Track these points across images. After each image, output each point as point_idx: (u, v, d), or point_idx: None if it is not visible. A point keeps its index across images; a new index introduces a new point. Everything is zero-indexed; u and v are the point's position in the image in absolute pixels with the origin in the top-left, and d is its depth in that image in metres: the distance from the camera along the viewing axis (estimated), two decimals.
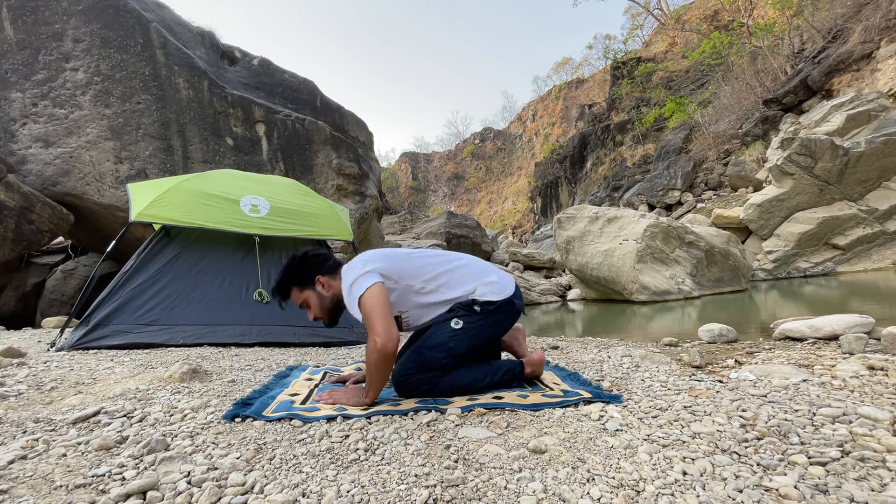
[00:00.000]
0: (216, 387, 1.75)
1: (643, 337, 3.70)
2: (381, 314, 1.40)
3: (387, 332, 1.37)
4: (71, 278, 6.59)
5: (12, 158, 5.70)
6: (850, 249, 8.28)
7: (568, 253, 7.78)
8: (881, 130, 8.01)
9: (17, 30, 5.93)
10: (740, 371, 1.72)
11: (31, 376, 1.94)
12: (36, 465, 1.03)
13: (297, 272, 1.66)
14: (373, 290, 1.44)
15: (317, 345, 3.26)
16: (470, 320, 1.54)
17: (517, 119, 43.51)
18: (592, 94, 31.13)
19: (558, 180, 24.85)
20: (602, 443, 1.09)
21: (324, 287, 1.64)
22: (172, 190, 3.37)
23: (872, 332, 2.17)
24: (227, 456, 1.05)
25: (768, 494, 0.82)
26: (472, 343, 1.55)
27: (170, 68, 6.44)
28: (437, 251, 1.77)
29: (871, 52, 10.26)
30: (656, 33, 26.64)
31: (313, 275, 1.65)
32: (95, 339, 2.86)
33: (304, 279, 1.65)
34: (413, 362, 1.52)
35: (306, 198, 3.97)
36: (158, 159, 6.27)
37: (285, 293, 1.68)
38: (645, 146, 18.89)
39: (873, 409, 1.17)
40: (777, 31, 14.71)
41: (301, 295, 1.66)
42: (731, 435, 1.09)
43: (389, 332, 1.37)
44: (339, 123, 8.46)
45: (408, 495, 0.86)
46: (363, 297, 1.43)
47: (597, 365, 2.05)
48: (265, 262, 3.52)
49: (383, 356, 1.37)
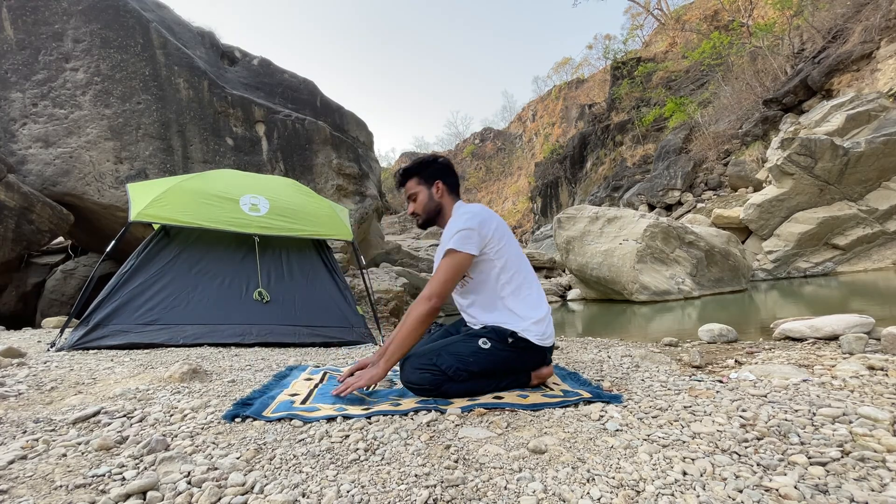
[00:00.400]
0: (216, 387, 1.75)
1: (643, 337, 3.70)
2: (451, 279, 1.53)
3: (442, 296, 1.51)
4: (71, 278, 6.59)
5: (12, 158, 5.70)
6: (850, 249, 8.28)
7: (568, 253, 7.78)
8: (881, 130, 8.01)
9: (17, 30, 5.93)
10: (740, 371, 1.72)
11: (31, 376, 1.94)
12: (36, 465, 1.03)
13: (427, 167, 1.75)
14: (463, 256, 1.53)
15: (317, 345, 3.26)
16: (498, 347, 1.55)
17: (517, 119, 43.51)
18: (592, 94, 31.13)
19: (558, 180, 24.85)
20: (602, 443, 1.09)
21: (437, 192, 1.73)
22: (172, 190, 3.37)
23: (872, 332, 2.17)
24: (227, 456, 1.05)
25: (768, 494, 0.82)
26: (490, 367, 1.54)
27: (170, 68, 6.44)
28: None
29: (871, 52, 10.25)
30: (656, 33, 26.64)
31: (437, 177, 1.73)
32: (95, 339, 2.86)
33: (428, 176, 1.74)
34: (429, 360, 1.51)
35: (306, 198, 3.97)
36: (158, 159, 6.27)
37: (405, 179, 1.77)
38: (645, 146, 18.89)
39: (873, 409, 1.17)
40: (777, 31, 14.71)
41: (416, 187, 1.74)
42: (731, 435, 1.09)
43: (442, 298, 1.51)
44: (339, 123, 8.46)
45: (408, 495, 0.86)
46: (454, 253, 1.52)
47: (597, 365, 2.05)
48: (265, 261, 3.52)
49: (421, 314, 1.48)
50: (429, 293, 1.50)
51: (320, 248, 3.82)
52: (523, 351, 1.57)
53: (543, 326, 1.60)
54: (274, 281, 3.49)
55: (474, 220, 1.57)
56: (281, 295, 3.45)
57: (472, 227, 1.54)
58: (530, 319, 1.59)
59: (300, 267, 3.64)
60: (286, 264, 3.60)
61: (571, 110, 32.16)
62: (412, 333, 1.50)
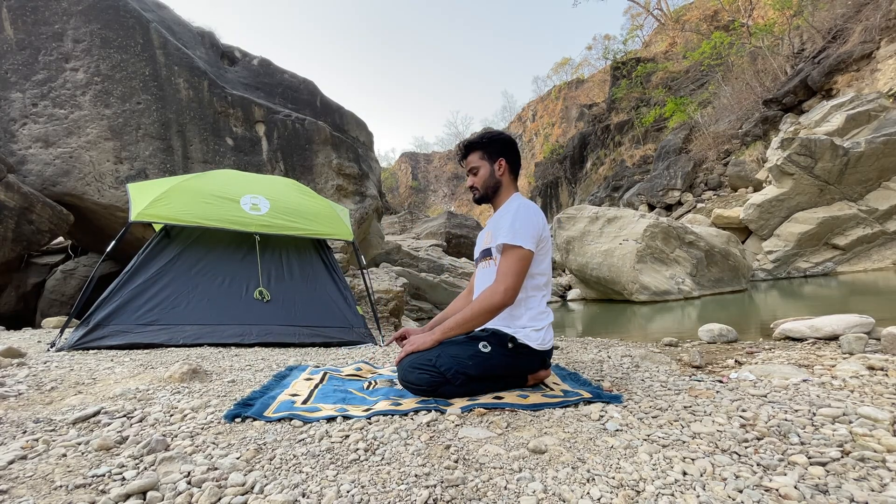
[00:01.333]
0: (216, 387, 1.75)
1: (643, 337, 3.70)
2: (521, 276, 1.53)
3: (513, 294, 1.51)
4: (71, 278, 6.59)
5: (12, 158, 5.70)
6: (850, 249, 8.28)
7: (568, 253, 7.78)
8: (881, 130, 8.01)
9: (17, 30, 5.93)
10: (740, 371, 1.72)
11: (31, 376, 1.94)
12: (36, 465, 1.03)
13: (493, 142, 1.73)
14: (528, 253, 1.54)
15: (317, 345, 3.26)
16: (498, 351, 1.54)
17: (517, 119, 43.50)
18: (592, 95, 31.14)
19: (558, 180, 24.86)
20: (602, 443, 1.09)
21: (499, 169, 1.71)
22: (172, 190, 3.37)
23: (872, 332, 2.17)
24: (227, 456, 1.05)
25: (768, 494, 0.82)
26: (488, 371, 1.53)
27: (170, 68, 6.44)
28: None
29: (871, 52, 10.26)
30: (656, 34, 26.65)
31: (501, 154, 1.71)
32: (95, 339, 2.86)
33: (493, 151, 1.72)
34: (427, 360, 1.49)
35: (306, 197, 3.97)
36: (158, 159, 6.26)
37: (468, 151, 1.75)
38: (645, 146, 18.90)
39: (873, 409, 1.17)
40: (777, 32, 14.72)
41: (479, 161, 1.72)
42: (731, 435, 1.09)
43: (516, 294, 1.52)
44: (339, 123, 8.45)
45: (408, 495, 0.86)
46: (521, 250, 1.52)
47: (597, 365, 2.05)
48: (265, 261, 3.52)
49: (494, 305, 1.50)
50: (504, 287, 1.50)
51: (320, 248, 3.82)
52: (523, 356, 1.57)
53: (544, 332, 1.61)
54: (274, 281, 3.49)
55: (540, 220, 1.60)
56: (281, 295, 3.45)
57: (532, 223, 1.57)
58: (532, 327, 1.59)
59: (300, 267, 3.64)
60: (286, 264, 3.60)
61: (571, 110, 32.16)
62: (477, 319, 1.52)
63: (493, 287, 1.53)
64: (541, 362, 1.63)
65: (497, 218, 1.68)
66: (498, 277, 1.53)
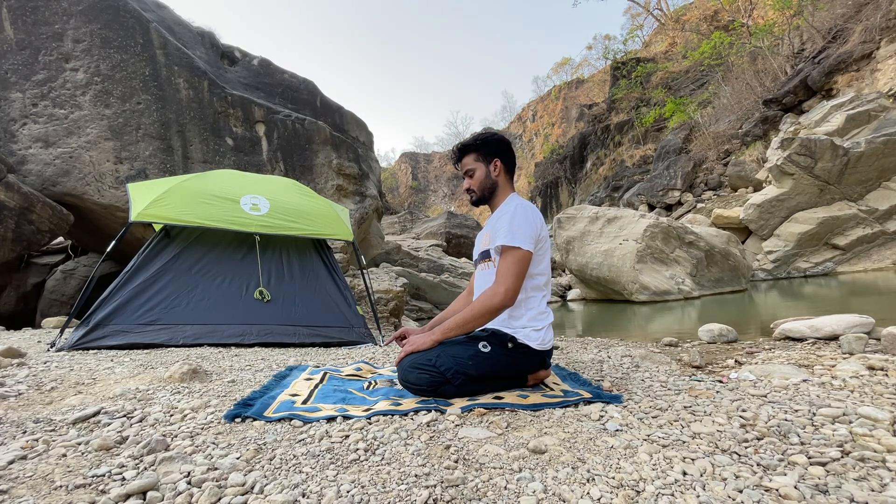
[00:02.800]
0: (216, 387, 1.75)
1: (643, 337, 3.70)
2: (521, 277, 1.53)
3: (513, 295, 1.51)
4: (71, 278, 6.59)
5: (12, 158, 5.70)
6: (850, 249, 8.28)
7: (568, 253, 7.78)
8: (881, 130, 8.01)
9: (17, 30, 5.92)
10: (740, 371, 1.72)
11: (31, 376, 1.94)
12: (36, 465, 1.03)
13: (487, 143, 1.73)
14: (527, 253, 1.54)
15: (317, 345, 3.26)
16: (498, 351, 1.54)
17: (517, 119, 43.52)
18: (592, 95, 31.14)
19: (558, 180, 24.87)
20: (602, 443, 1.09)
21: (495, 170, 1.71)
22: (172, 190, 3.37)
23: (872, 332, 2.17)
24: (227, 456, 1.05)
25: (768, 494, 0.82)
26: (488, 371, 1.54)
27: (170, 68, 6.44)
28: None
29: (871, 52, 10.26)
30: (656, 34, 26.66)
31: (496, 155, 1.71)
32: (95, 339, 2.86)
33: (487, 152, 1.72)
34: (427, 360, 1.50)
35: (306, 197, 3.97)
36: (158, 159, 6.26)
37: (463, 153, 1.75)
38: (645, 146, 18.90)
39: (873, 409, 1.17)
40: (777, 32, 14.72)
41: (474, 163, 1.73)
42: (731, 435, 1.09)
43: (513, 298, 1.52)
44: (339, 123, 8.45)
45: (408, 495, 0.86)
46: (520, 251, 1.53)
47: (597, 365, 2.05)
48: (265, 261, 3.52)
49: (494, 306, 1.50)
50: (504, 288, 1.50)
51: (320, 248, 3.82)
52: (523, 356, 1.57)
53: (543, 332, 1.61)
54: (274, 281, 3.49)
55: (537, 220, 1.61)
56: (281, 295, 3.45)
57: (530, 223, 1.57)
58: (532, 327, 1.59)
59: (300, 267, 3.64)
60: (286, 264, 3.60)
61: (571, 110, 32.16)
62: (477, 320, 1.52)
63: (492, 288, 1.53)
64: (541, 362, 1.63)
65: (495, 219, 1.68)
66: (497, 279, 1.53)
